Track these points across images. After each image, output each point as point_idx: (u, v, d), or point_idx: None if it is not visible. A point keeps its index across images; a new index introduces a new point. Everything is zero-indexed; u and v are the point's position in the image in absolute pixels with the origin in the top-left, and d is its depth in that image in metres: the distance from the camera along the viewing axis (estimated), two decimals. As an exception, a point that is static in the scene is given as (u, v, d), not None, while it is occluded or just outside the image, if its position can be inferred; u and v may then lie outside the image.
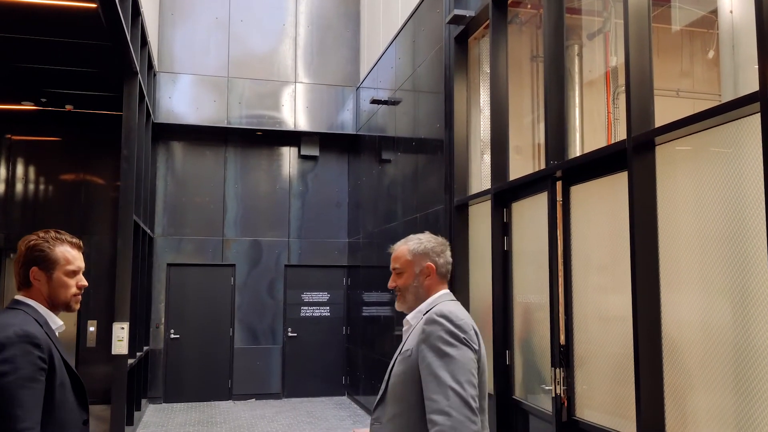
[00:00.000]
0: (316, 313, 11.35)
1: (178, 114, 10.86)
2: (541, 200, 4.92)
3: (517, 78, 6.56)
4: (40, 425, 2.06)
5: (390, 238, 8.75)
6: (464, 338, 2.19)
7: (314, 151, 11.45)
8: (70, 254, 2.32)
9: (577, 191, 4.52)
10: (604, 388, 4.17)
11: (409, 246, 2.45)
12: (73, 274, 2.32)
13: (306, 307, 11.32)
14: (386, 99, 9.33)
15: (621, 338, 3.93)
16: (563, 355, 4.52)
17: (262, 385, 11.00)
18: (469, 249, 6.47)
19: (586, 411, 4.34)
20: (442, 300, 2.38)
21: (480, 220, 6.23)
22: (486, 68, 6.68)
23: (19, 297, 2.29)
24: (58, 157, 10.69)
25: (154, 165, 10.77)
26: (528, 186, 5.19)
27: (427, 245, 2.43)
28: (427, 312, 2.32)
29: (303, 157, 11.50)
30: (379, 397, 2.31)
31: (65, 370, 2.20)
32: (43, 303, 2.27)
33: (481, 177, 6.61)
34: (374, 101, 9.63)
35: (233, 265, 11.06)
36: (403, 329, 2.41)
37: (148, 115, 9.83)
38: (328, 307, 11.40)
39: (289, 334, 11.14)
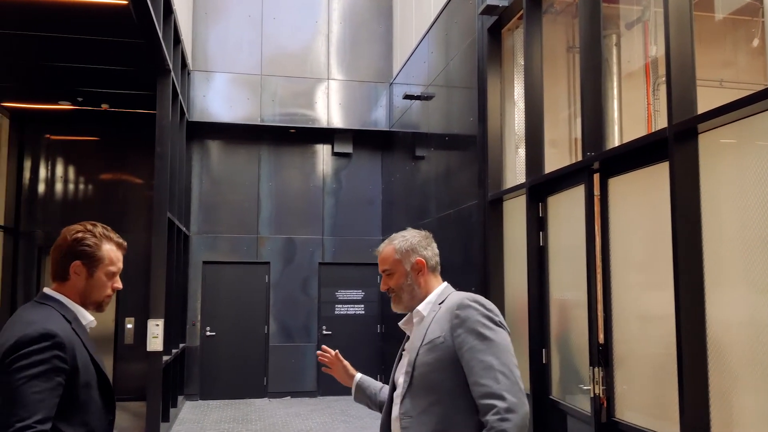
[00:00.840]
0: (351, 311, 11.30)
1: (212, 112, 10.91)
2: (577, 193, 4.76)
3: (552, 70, 6.38)
4: (64, 425, 1.99)
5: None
6: (499, 321, 2.16)
7: (347, 149, 11.39)
8: (114, 255, 2.22)
9: (616, 183, 4.35)
10: (645, 388, 4.00)
11: (394, 245, 2.37)
12: (113, 275, 2.22)
13: (340, 305, 11.28)
14: (419, 94, 9.22)
15: (663, 337, 3.76)
16: (602, 354, 4.36)
17: (297, 383, 10.99)
18: (504, 245, 6.32)
19: (626, 412, 4.17)
20: (451, 291, 2.34)
21: (515, 215, 6.08)
22: (520, 60, 6.52)
23: (48, 291, 2.17)
24: (95, 156, 10.83)
25: (189, 163, 10.84)
26: (564, 179, 5.03)
27: (412, 240, 2.37)
28: (441, 302, 2.27)
29: (336, 155, 11.46)
30: (403, 391, 2.21)
31: (93, 369, 2.11)
32: (75, 298, 2.16)
33: (515, 171, 6.46)
34: (407, 96, 9.52)
35: (267, 263, 11.07)
36: (414, 320, 2.33)
37: (183, 113, 9.90)
38: (362, 305, 11.34)
39: (324, 332, 11.11)
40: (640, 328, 4.08)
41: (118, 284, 2.25)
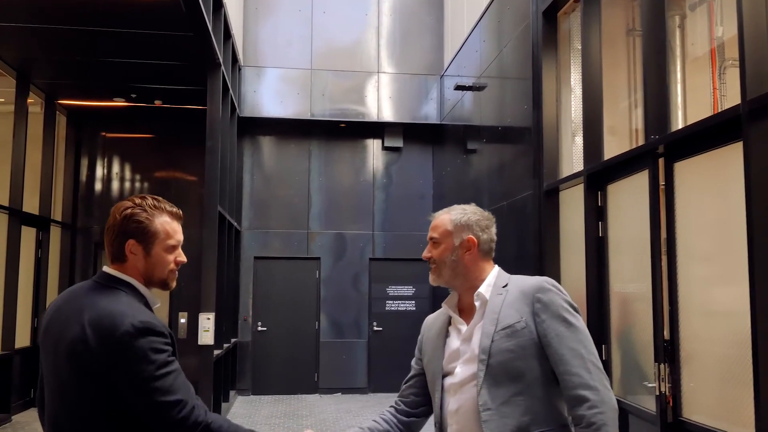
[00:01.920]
0: (402, 307, 11.15)
1: (263, 108, 10.93)
2: (640, 180, 4.50)
3: (612, 54, 6.09)
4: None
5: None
6: (577, 308, 2.05)
7: (398, 143, 11.25)
8: (170, 226, 2.03)
9: (682, 168, 4.08)
10: (715, 387, 3.72)
11: (451, 215, 2.20)
12: (173, 249, 2.03)
13: (391, 301, 11.14)
14: (470, 85, 9.01)
15: (734, 334, 3.48)
16: (667, 351, 4.09)
17: (348, 379, 10.91)
18: (560, 236, 6.07)
19: (693, 412, 3.90)
20: (507, 275, 2.18)
21: (572, 204, 5.83)
22: (577, 44, 6.26)
23: (112, 272, 1.97)
24: (149, 153, 10.97)
25: (241, 159, 10.88)
26: (625, 165, 4.76)
27: (472, 217, 2.19)
28: (505, 285, 2.11)
29: (386, 149, 11.33)
30: (480, 381, 2.01)
31: None
32: (139, 279, 1.98)
33: (572, 161, 6.19)
34: (458, 87, 9.32)
35: (318, 258, 11.02)
36: (476, 303, 2.13)
37: (234, 109, 9.92)
38: (413, 301, 11.18)
39: (375, 328, 11.00)
40: (709, 324, 3.80)
41: (182, 257, 2.07)
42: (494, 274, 2.18)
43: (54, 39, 7.66)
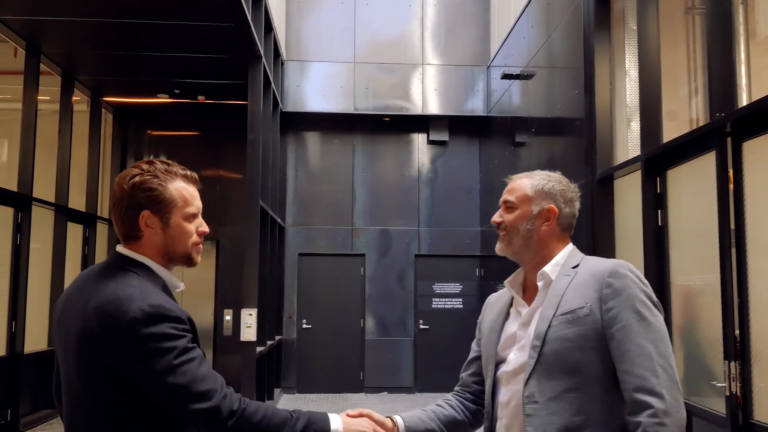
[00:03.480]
0: (448, 305, 10.87)
1: (306, 102, 10.80)
2: (705, 163, 4.15)
3: (670, 34, 5.73)
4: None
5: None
6: (657, 302, 1.74)
7: (443, 136, 10.98)
8: (187, 192, 1.76)
9: (752, 148, 3.72)
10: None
11: (533, 180, 1.95)
12: (193, 217, 1.76)
13: (437, 299, 10.88)
14: (518, 73, 8.69)
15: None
16: (737, 348, 3.74)
17: (394, 378, 10.69)
18: (615, 226, 5.73)
19: (766, 414, 3.55)
20: (583, 255, 1.89)
21: (628, 192, 5.48)
22: (632, 24, 5.91)
23: (125, 251, 1.71)
24: (193, 151, 10.95)
25: (284, 155, 10.78)
26: (687, 147, 4.41)
27: (556, 186, 1.93)
28: (575, 266, 1.82)
29: (432, 143, 11.07)
30: (529, 370, 1.75)
31: None
32: (157, 258, 1.73)
33: (627, 147, 5.84)
34: (506, 76, 9.01)
35: (363, 255, 10.84)
36: (539, 284, 1.87)
37: (276, 104, 9.82)
38: (460, 299, 10.89)
39: (421, 326, 10.75)
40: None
41: (204, 227, 1.79)
42: (565, 253, 1.90)
43: (96, 32, 7.67)
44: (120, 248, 1.74)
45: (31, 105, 7.94)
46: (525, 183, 1.94)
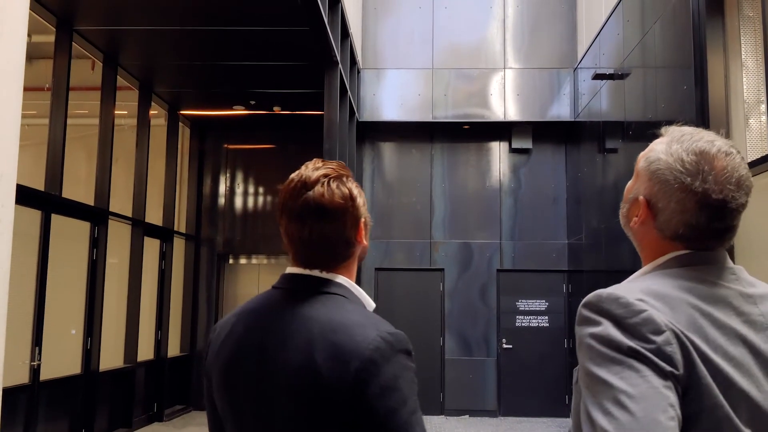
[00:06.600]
0: (533, 323, 10.22)
1: (383, 111, 10.44)
2: None
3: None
4: None
5: (620, 235, 7.43)
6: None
7: (527, 144, 10.39)
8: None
9: None
10: None
11: (653, 148, 1.26)
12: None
13: (521, 316, 10.24)
14: (611, 73, 8.04)
15: None
16: None
17: (475, 401, 10.10)
18: (735, 239, 5.04)
19: None
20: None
21: (752, 198, 4.79)
22: (748, 11, 5.25)
23: (320, 274, 1.37)
24: (270, 164, 10.80)
25: (360, 166, 10.45)
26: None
27: (673, 166, 1.19)
28: None
29: (514, 151, 10.49)
30: None
31: None
32: (352, 278, 1.43)
33: (746, 148, 5.16)
34: (597, 76, 8.38)
35: (442, 270, 10.34)
36: None
37: (352, 113, 9.51)
38: (546, 317, 10.22)
39: (504, 345, 10.14)
40: None
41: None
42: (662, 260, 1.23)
43: (174, 41, 7.58)
44: (307, 271, 1.39)
45: (108, 119, 7.89)
46: (645, 152, 1.29)
